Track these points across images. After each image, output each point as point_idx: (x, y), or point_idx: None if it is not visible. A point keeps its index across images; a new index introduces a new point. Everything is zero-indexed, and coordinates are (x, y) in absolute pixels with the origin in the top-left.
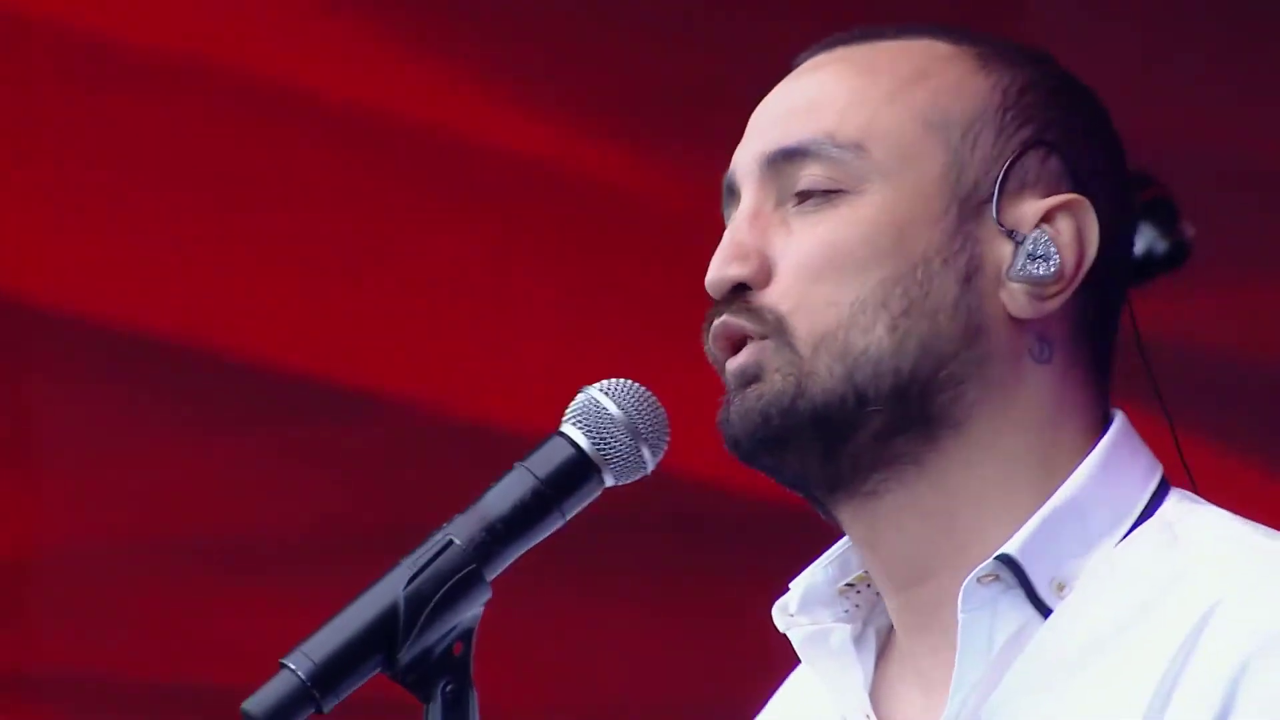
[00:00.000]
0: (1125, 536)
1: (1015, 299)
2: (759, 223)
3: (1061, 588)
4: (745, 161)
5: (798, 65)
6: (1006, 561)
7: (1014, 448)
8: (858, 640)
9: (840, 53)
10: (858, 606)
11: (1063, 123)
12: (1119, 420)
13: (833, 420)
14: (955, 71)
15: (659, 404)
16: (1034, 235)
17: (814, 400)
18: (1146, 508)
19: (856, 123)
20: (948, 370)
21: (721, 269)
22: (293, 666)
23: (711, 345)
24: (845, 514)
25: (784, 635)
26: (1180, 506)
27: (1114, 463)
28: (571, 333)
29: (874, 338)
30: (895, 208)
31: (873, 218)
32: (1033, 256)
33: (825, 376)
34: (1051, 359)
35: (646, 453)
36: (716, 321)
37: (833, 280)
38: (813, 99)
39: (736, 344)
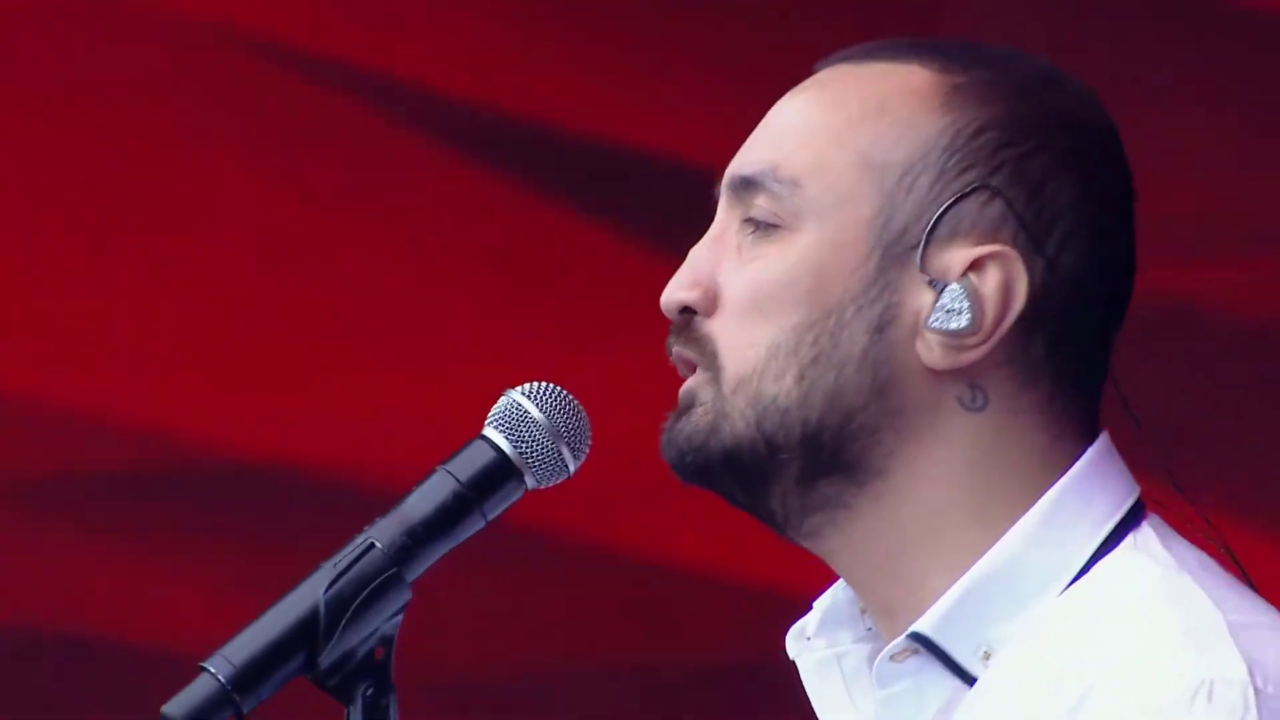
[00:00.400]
0: (1063, 591)
1: (931, 350)
2: (718, 246)
3: (988, 656)
4: (724, 177)
5: (814, 72)
6: (920, 638)
7: (942, 498)
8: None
9: (830, 74)
10: None
11: (1018, 165)
12: (1078, 465)
13: (744, 463)
14: (911, 108)
15: (581, 407)
16: (950, 287)
17: (724, 441)
18: (1093, 557)
19: (802, 159)
20: (857, 421)
21: (673, 291)
22: (212, 670)
23: (678, 367)
24: (803, 545)
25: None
26: (1122, 559)
27: (1058, 516)
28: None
29: (783, 387)
30: (819, 251)
31: (796, 259)
32: (945, 309)
33: (738, 420)
34: (986, 406)
35: (568, 455)
36: (673, 349)
37: (755, 320)
38: (780, 126)
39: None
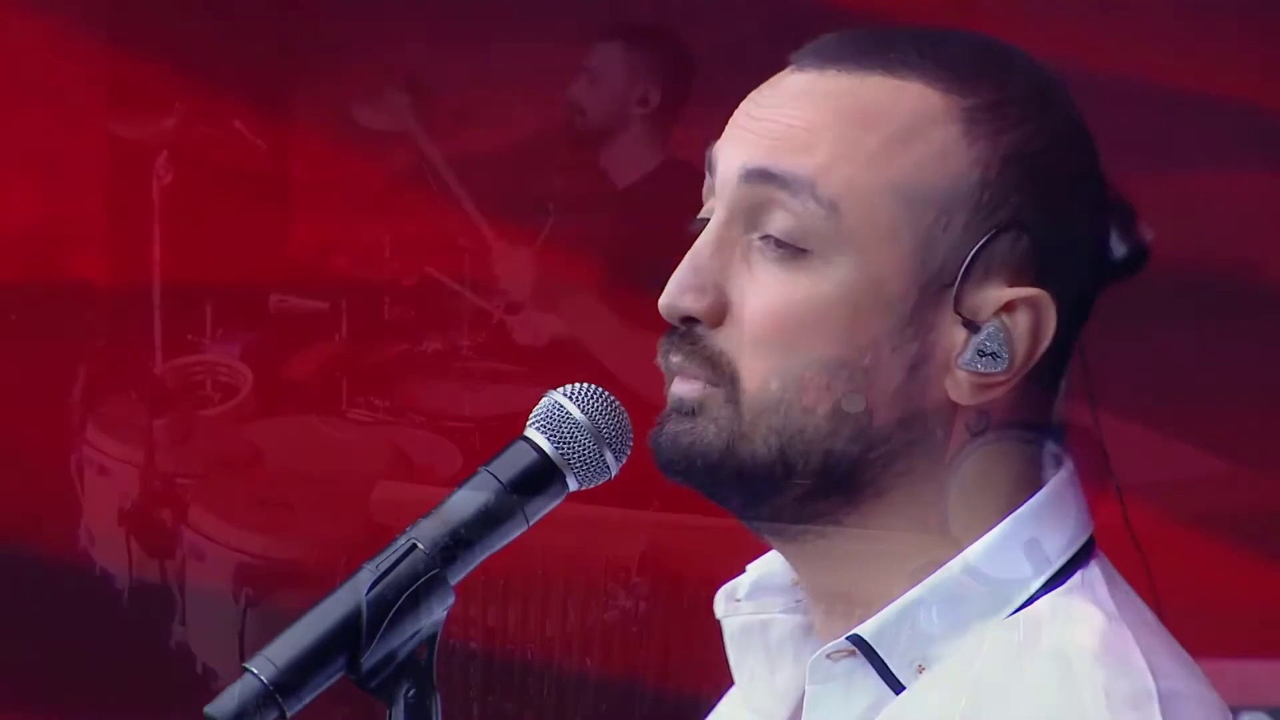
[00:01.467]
0: (1008, 618)
1: (960, 387)
2: (723, 252)
3: (922, 669)
4: (726, 162)
5: (797, 63)
6: (859, 641)
7: (925, 515)
8: (807, 634)
9: (833, 81)
10: None
11: (1041, 197)
12: (1043, 492)
13: (755, 483)
14: (940, 138)
15: (623, 408)
16: (988, 330)
17: (741, 463)
18: (1043, 589)
19: (838, 178)
20: (879, 451)
21: (677, 297)
22: (255, 670)
23: (668, 371)
24: (768, 541)
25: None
26: (1068, 599)
27: (1015, 540)
28: None
29: (813, 420)
30: (854, 286)
31: (830, 293)
32: (983, 353)
33: (759, 444)
34: (986, 430)
35: (610, 457)
36: (672, 359)
37: (781, 349)
38: (806, 126)
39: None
